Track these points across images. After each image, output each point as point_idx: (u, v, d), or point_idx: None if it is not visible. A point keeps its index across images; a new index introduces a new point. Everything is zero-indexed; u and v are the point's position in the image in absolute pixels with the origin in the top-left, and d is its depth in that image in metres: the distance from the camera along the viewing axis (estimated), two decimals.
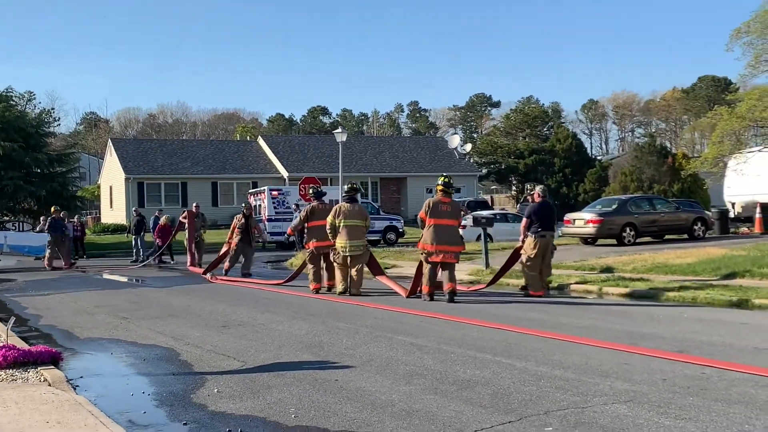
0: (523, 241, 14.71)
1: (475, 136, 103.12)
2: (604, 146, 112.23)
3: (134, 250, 29.28)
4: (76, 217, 34.87)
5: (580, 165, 56.81)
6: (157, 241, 27.39)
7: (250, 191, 44.14)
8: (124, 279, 22.22)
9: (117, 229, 44.75)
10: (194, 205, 26.29)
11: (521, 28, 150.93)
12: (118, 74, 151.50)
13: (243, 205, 22.64)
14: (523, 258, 14.66)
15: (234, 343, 9.99)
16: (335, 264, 15.54)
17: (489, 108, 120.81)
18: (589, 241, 26.29)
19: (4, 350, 8.28)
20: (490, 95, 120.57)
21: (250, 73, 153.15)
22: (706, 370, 7.76)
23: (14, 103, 40.77)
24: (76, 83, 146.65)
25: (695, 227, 27.45)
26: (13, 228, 36.60)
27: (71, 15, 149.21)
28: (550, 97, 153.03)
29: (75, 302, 15.81)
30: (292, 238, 31.37)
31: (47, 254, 25.75)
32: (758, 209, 29.35)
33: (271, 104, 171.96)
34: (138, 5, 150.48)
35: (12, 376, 7.74)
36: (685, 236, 27.22)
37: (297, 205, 32.76)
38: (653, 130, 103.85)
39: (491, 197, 65.31)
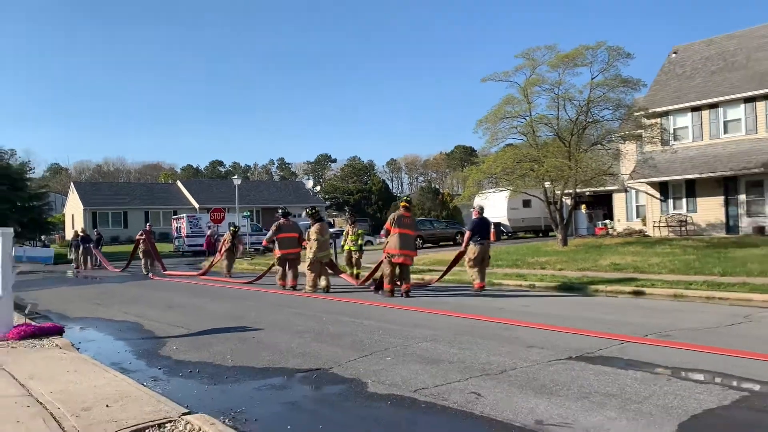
0: (466, 247, 12.24)
1: (321, 180, 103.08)
2: (401, 188, 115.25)
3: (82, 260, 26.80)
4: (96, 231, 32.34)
5: (387, 200, 58.43)
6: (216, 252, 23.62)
7: (173, 217, 42.27)
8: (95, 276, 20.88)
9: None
10: (148, 224, 23.61)
11: (349, 104, 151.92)
12: (73, 135, 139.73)
13: (230, 226, 20.19)
14: (467, 260, 12.17)
15: (180, 318, 9.76)
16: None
17: (330, 162, 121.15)
18: None
19: (24, 326, 7.86)
20: (330, 154, 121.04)
21: (168, 135, 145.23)
22: (471, 321, 8.35)
23: (2, 157, 37.66)
24: (43, 141, 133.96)
25: (457, 237, 29.09)
26: (29, 244, 34.04)
27: (38, 89, 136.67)
28: (367, 156, 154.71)
29: (59, 294, 14.82)
30: (263, 247, 29.22)
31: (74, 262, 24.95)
32: (492, 226, 31.34)
33: (183, 157, 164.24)
34: (82, 87, 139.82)
35: (32, 344, 7.38)
36: (451, 243, 28.76)
37: (209, 227, 31.56)
38: (429, 178, 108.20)
39: (333, 220, 65.61)
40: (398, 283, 11.64)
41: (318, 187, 62.15)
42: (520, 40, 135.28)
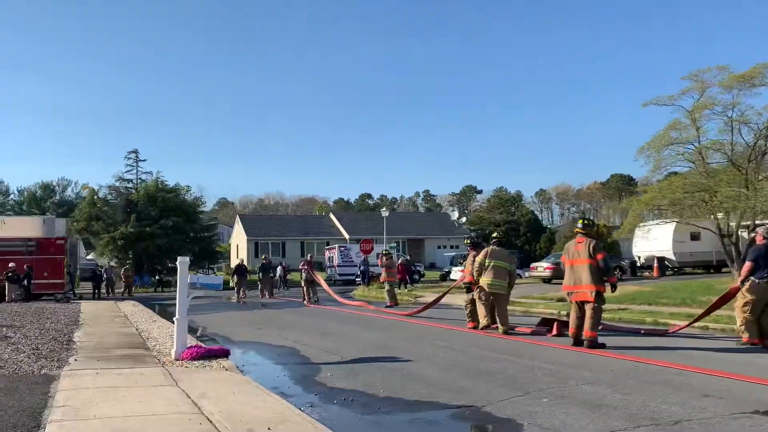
0: (742, 284, 9.06)
1: (467, 211, 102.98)
2: (550, 219, 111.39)
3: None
4: (284, 261, 35.43)
5: (536, 231, 56.54)
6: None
7: (326, 247, 44.58)
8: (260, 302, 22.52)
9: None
10: (309, 255, 24.84)
11: (494, 135, 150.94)
12: (239, 171, 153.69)
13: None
14: (741, 302, 9.05)
15: (333, 345, 10.11)
16: (479, 300, 11.49)
17: (475, 194, 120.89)
18: (546, 280, 26.24)
19: (196, 348, 8.59)
20: (475, 185, 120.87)
21: (322, 170, 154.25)
22: (636, 364, 7.70)
23: (179, 193, 42.47)
24: (214, 178, 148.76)
25: (616, 272, 27.28)
26: (201, 272, 37.60)
27: (215, 133, 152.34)
28: (514, 187, 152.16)
29: (224, 318, 16.14)
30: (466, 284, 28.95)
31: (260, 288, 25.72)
32: (656, 261, 29.12)
33: (335, 191, 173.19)
34: (236, 129, 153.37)
35: (202, 364, 8.01)
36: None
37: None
38: (583, 208, 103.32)
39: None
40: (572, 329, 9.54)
41: (464, 219, 62.00)
42: (676, 63, 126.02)
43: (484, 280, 11.27)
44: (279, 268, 33.68)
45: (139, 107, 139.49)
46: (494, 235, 12.16)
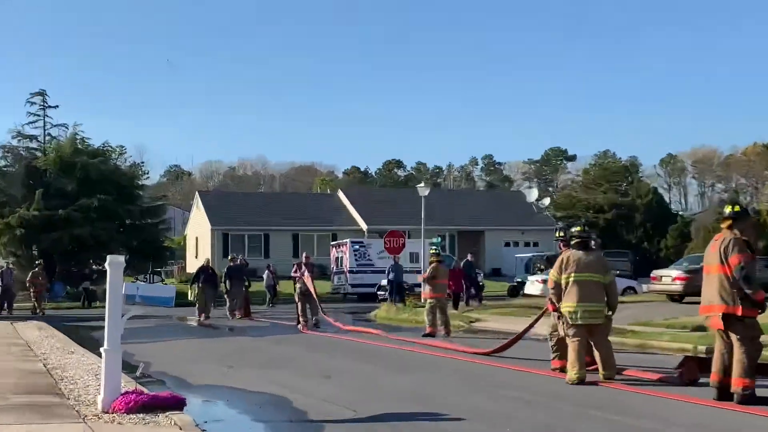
0: None
1: (551, 190, 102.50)
2: (683, 201, 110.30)
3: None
4: (271, 265, 36.00)
5: (661, 220, 55.98)
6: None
7: (332, 243, 44.78)
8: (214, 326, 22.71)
9: None
10: (305, 255, 24.79)
11: (595, 79, 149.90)
12: (199, 128, 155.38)
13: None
14: None
15: (342, 393, 10.15)
16: (567, 338, 11.10)
17: (564, 161, 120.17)
18: (675, 298, 25.92)
19: (134, 394, 8.67)
20: (566, 149, 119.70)
21: (326, 125, 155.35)
22: None
23: (110, 157, 42.92)
24: (160, 137, 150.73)
25: None
26: (143, 279, 37.77)
27: (159, 75, 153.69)
28: (627, 151, 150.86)
29: (177, 350, 16.33)
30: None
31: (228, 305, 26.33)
32: None
33: (347, 157, 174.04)
34: (211, 65, 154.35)
35: (143, 419, 8.06)
36: None
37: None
38: (734, 186, 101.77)
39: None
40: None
41: (546, 200, 61.53)
42: None
43: (568, 307, 10.90)
44: (267, 275, 33.81)
45: (48, 29, 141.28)
46: (574, 231, 11.73)
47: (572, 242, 11.35)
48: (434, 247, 22.19)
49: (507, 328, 18.55)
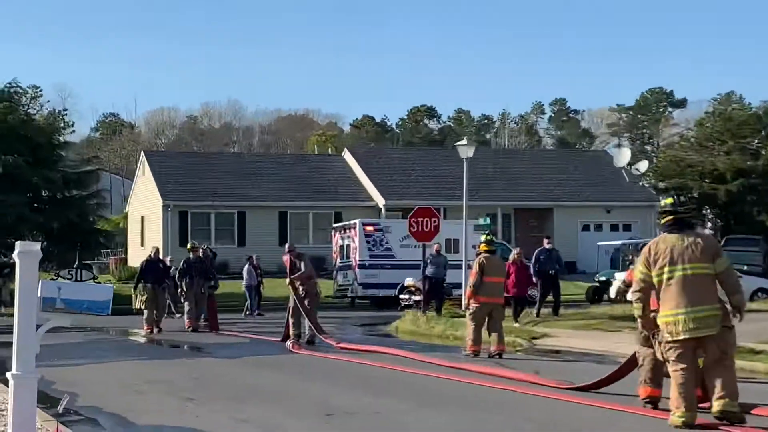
0: None
1: (648, 149, 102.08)
2: None
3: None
4: (255, 257, 35.79)
5: None
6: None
7: (333, 226, 44.75)
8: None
9: None
10: (288, 245, 24.48)
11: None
12: (145, 61, 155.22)
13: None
14: None
15: None
16: (664, 358, 10.98)
17: (670, 109, 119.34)
18: None
19: None
20: (671, 90, 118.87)
21: (327, 60, 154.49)
22: None
23: (19, 102, 42.68)
24: (91, 75, 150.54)
25: None
26: (68, 275, 37.49)
27: None
28: (758, 94, 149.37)
29: (116, 375, 16.41)
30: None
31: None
32: None
33: (355, 103, 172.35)
34: None
35: None
36: None
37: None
38: None
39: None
40: None
41: (644, 164, 61.03)
42: None
43: (665, 317, 10.73)
44: (247, 271, 33.64)
45: None
46: (664, 204, 11.59)
47: (662, 220, 11.21)
48: (484, 232, 22.10)
49: (588, 348, 18.54)
